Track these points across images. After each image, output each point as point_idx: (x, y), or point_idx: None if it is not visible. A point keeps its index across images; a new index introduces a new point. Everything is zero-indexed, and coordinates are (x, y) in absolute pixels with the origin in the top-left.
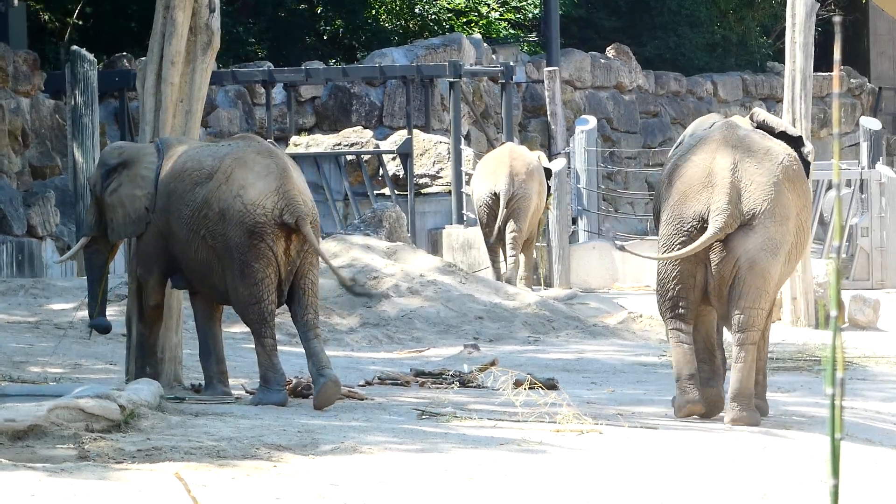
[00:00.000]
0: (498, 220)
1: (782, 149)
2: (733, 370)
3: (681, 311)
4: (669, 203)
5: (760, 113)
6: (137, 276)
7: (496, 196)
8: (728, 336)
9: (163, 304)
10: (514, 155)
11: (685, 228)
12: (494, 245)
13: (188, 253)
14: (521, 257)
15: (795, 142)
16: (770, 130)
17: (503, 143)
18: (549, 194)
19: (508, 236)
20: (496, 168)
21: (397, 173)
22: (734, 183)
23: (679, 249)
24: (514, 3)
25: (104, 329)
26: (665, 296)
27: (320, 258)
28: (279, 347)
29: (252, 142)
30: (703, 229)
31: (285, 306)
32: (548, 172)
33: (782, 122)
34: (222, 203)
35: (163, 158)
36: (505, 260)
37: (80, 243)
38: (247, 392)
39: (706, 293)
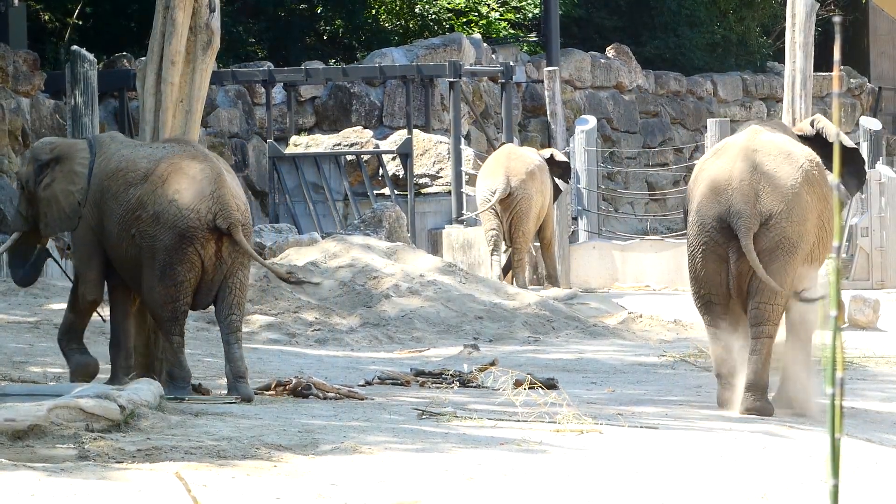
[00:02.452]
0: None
1: (804, 153)
2: (748, 361)
3: (713, 307)
4: (693, 205)
5: (821, 120)
6: (75, 268)
7: (495, 194)
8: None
9: (100, 302)
10: (512, 156)
11: (707, 230)
12: (494, 244)
13: (119, 251)
14: (523, 259)
15: (851, 154)
16: (823, 139)
17: (503, 143)
18: (557, 192)
19: (514, 239)
20: (495, 168)
21: (397, 173)
22: (753, 186)
23: (703, 250)
24: (514, 3)
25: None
26: (698, 293)
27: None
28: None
29: (187, 146)
30: (723, 230)
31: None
32: (565, 166)
33: (838, 134)
34: (157, 206)
35: (95, 155)
36: (513, 260)
37: (13, 238)
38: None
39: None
